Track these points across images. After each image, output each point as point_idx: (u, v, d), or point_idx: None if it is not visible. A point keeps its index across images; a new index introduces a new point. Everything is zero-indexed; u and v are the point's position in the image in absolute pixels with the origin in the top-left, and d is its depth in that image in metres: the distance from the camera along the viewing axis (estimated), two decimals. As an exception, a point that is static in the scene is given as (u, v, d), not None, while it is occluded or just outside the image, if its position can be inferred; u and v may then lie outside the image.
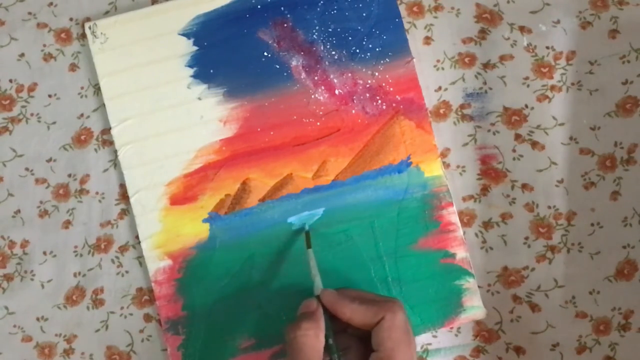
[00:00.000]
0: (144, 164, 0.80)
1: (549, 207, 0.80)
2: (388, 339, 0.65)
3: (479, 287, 0.79)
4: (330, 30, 0.81)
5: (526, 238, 0.80)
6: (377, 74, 0.80)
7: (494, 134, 0.80)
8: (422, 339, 0.79)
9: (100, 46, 0.81)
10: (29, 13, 0.85)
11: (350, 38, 0.81)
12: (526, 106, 0.81)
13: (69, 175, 0.82)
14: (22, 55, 0.84)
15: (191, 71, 0.81)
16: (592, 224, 0.79)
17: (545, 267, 0.79)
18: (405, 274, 0.77)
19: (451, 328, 0.79)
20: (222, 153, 0.80)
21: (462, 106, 0.81)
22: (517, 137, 0.80)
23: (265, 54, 0.81)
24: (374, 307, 0.67)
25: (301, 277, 0.77)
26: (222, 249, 0.79)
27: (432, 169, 0.79)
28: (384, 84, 0.80)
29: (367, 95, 0.80)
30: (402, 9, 0.82)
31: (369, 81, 0.80)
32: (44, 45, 0.84)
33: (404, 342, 0.65)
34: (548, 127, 0.80)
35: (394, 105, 0.80)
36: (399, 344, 0.65)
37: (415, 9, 0.83)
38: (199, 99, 0.80)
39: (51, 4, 0.85)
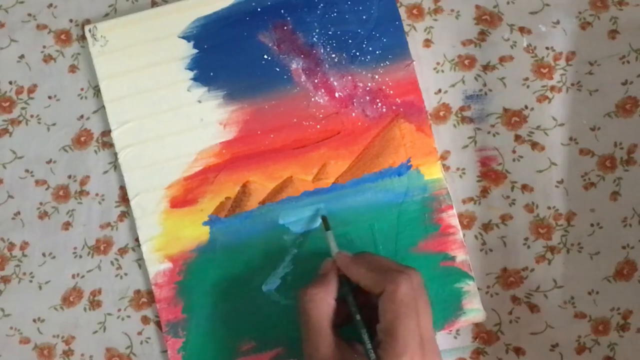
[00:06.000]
0: (144, 166, 0.80)
1: (549, 208, 0.80)
2: (388, 311, 0.65)
3: (478, 289, 0.79)
4: (330, 33, 0.81)
5: (526, 239, 0.80)
6: (377, 76, 0.80)
7: (493, 135, 0.80)
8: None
9: (100, 49, 0.81)
10: (29, 14, 0.85)
11: (350, 41, 0.81)
12: (526, 107, 0.81)
13: (69, 177, 0.82)
14: (22, 56, 0.84)
15: (191, 74, 0.81)
16: (592, 225, 0.79)
17: (544, 267, 0.79)
18: (405, 277, 0.76)
19: (450, 330, 0.79)
20: (222, 156, 0.80)
21: (461, 108, 0.81)
22: (517, 138, 0.80)
23: (266, 56, 0.81)
24: (378, 277, 0.67)
25: (301, 278, 0.77)
26: (222, 252, 0.79)
27: (432, 172, 0.79)
28: (384, 87, 0.80)
29: (367, 98, 0.80)
30: (402, 12, 0.82)
31: (369, 84, 0.80)
32: (44, 47, 0.84)
33: (405, 314, 0.64)
34: (548, 127, 0.80)
35: (394, 108, 0.80)
36: (398, 317, 0.64)
37: (415, 11, 0.82)
38: (199, 101, 0.80)
39: (51, 5, 0.85)
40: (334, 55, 0.81)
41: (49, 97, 0.83)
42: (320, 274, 0.72)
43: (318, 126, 0.80)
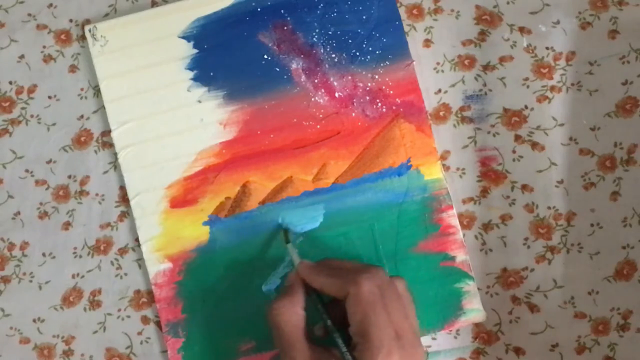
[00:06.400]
0: (144, 166, 0.80)
1: (549, 208, 0.80)
2: (355, 312, 0.65)
3: (478, 289, 0.79)
4: (330, 33, 0.81)
5: (526, 239, 0.80)
6: (377, 76, 0.80)
7: (493, 135, 0.80)
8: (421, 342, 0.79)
9: (100, 49, 0.81)
10: (29, 14, 0.85)
11: (350, 41, 0.81)
12: (526, 107, 0.81)
13: (69, 177, 0.82)
14: (22, 56, 0.84)
15: (191, 74, 0.81)
16: (592, 225, 0.79)
17: (544, 267, 0.79)
18: (405, 276, 0.75)
19: (450, 330, 0.79)
20: (222, 156, 0.80)
21: (461, 108, 0.81)
22: (517, 138, 0.80)
23: (265, 56, 0.81)
24: (340, 281, 0.67)
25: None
26: (222, 252, 0.79)
27: (432, 172, 0.79)
28: (384, 87, 0.80)
29: (367, 98, 0.80)
30: (402, 12, 0.82)
31: (369, 84, 0.80)
32: (44, 47, 0.84)
33: (373, 313, 0.64)
34: (548, 127, 0.80)
35: (394, 108, 0.80)
36: (367, 316, 0.64)
37: (415, 11, 0.82)
38: (199, 101, 0.80)
39: (51, 5, 0.85)
40: (334, 55, 0.81)
41: (49, 97, 0.83)
42: (285, 286, 0.73)
43: (318, 126, 0.80)
